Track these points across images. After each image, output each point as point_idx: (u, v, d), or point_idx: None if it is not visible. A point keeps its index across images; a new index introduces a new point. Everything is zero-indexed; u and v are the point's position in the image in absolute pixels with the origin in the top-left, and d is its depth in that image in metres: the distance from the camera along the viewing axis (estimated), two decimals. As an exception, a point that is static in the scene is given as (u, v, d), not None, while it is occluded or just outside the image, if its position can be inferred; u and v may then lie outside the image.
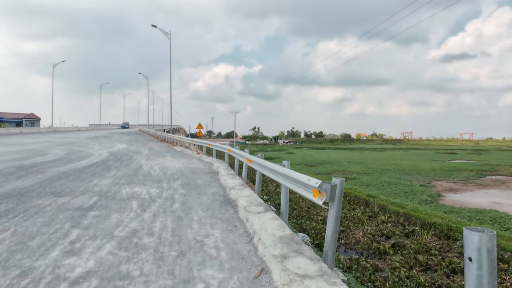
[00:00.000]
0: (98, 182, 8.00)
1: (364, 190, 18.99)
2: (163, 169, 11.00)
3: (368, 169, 31.01)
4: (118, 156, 14.48)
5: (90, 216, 5.02)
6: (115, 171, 10.03)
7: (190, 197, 6.68)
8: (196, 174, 10.02)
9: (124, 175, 9.23)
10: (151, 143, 24.95)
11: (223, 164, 12.04)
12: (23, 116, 65.88)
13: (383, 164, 36.57)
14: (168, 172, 10.20)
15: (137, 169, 10.62)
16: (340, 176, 24.14)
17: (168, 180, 8.78)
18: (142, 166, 11.44)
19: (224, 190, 7.54)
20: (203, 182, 8.59)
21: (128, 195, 6.69)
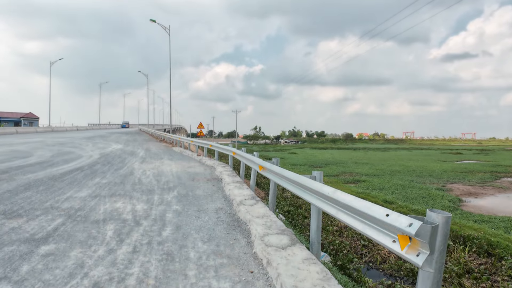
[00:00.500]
0: (73, 194, 6.38)
1: (379, 195, 17.37)
2: (158, 174, 9.38)
3: (377, 171, 29.37)
4: (109, 159, 12.86)
5: (37, 255, 3.39)
6: (100, 177, 8.41)
7: (186, 217, 5.05)
8: (195, 181, 8.40)
9: (108, 184, 7.61)
10: (149, 144, 23.34)
11: (226, 169, 10.42)
12: (22, 115, 64.36)
13: (390, 165, 34.92)
14: (163, 179, 8.58)
15: (127, 175, 9.00)
16: (349, 178, 22.51)
17: (161, 190, 7.16)
18: (133, 171, 9.83)
19: (230, 205, 5.91)
20: (204, 193, 6.97)
21: (106, 214, 5.06)
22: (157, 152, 17.04)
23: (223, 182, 8.25)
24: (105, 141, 23.71)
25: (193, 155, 15.12)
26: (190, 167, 11.29)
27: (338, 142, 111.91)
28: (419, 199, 17.03)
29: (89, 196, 6.26)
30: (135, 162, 12.23)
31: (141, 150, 17.47)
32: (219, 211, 5.51)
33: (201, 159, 13.57)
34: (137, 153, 15.69)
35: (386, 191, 19.00)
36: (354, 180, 23.85)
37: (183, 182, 8.23)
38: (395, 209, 13.43)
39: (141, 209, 5.41)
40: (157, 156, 14.69)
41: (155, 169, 10.53)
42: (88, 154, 14.13)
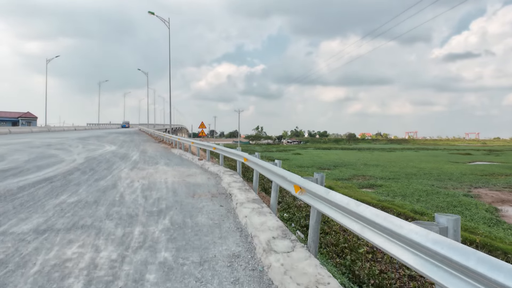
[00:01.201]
0: (11, 227, 4.17)
1: (404, 204, 15.17)
2: (148, 187, 7.20)
3: (390, 174, 27.15)
4: (95, 164, 10.68)
5: None
6: (69, 193, 6.23)
7: (181, 282, 2.88)
8: (196, 199, 6.21)
9: (76, 205, 5.42)
10: (146, 145, 21.15)
11: (235, 178, 8.23)
12: (19, 115, 62.30)
13: (402, 167, 32.68)
14: (153, 195, 6.40)
15: (107, 189, 6.81)
16: (363, 182, 20.29)
17: (148, 215, 4.97)
18: (117, 183, 7.64)
19: (250, 249, 3.72)
20: (209, 221, 4.78)
21: (43, 275, 2.89)
22: (153, 155, 14.85)
23: (234, 200, 6.06)
24: (99, 142, 21.55)
25: (194, 159, 12.93)
26: (190, 176, 9.10)
27: (341, 142, 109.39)
28: (451, 208, 14.82)
29: (34, 230, 4.07)
30: (125, 168, 10.04)
31: (136, 153, 15.28)
32: (235, 262, 3.32)
33: (203, 164, 11.38)
34: (130, 156, 13.50)
35: (410, 199, 16.80)
36: (370, 185, 21.64)
37: (180, 200, 6.04)
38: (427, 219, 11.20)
39: (105, 262, 3.21)
40: (152, 160, 12.50)
41: (146, 178, 8.34)
42: (71, 158, 11.95)
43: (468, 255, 1.68)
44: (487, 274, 1.55)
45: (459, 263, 1.70)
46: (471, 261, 1.65)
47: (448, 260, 1.78)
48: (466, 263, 1.66)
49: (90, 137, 27.75)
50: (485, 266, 1.58)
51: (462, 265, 1.68)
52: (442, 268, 1.87)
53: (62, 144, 18.92)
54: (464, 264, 1.67)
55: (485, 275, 1.56)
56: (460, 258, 1.70)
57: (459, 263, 1.70)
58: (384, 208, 13.69)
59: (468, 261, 1.66)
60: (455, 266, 1.75)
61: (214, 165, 10.93)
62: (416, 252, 2.08)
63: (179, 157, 14.37)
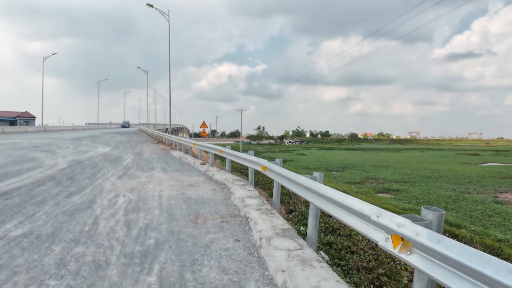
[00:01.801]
0: None
1: (434, 213, 13.31)
2: (135, 206, 5.34)
3: (404, 176, 25.27)
4: (77, 170, 8.83)
5: None
6: (21, 218, 4.36)
7: None
8: (200, 227, 4.34)
9: (19, 241, 3.57)
10: (144, 146, 19.30)
11: (250, 191, 6.37)
12: (17, 114, 60.53)
13: (414, 169, 30.80)
14: (139, 221, 4.53)
15: (78, 210, 4.95)
16: (378, 187, 18.43)
17: (125, 264, 3.10)
18: (96, 198, 5.78)
19: None
20: (223, 276, 2.91)
21: None
22: (150, 157, 12.99)
23: (254, 228, 4.19)
24: (93, 143, 19.71)
25: (196, 163, 11.06)
26: (191, 186, 7.24)
27: (344, 142, 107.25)
28: (486, 218, 12.95)
29: None
30: (112, 176, 8.18)
31: (130, 155, 13.41)
32: None
33: (206, 169, 9.51)
34: (122, 160, 11.64)
35: (437, 206, 14.91)
36: (386, 189, 19.78)
37: (178, 230, 4.18)
38: (479, 240, 9.35)
39: None
40: (147, 165, 10.63)
41: (135, 191, 6.48)
42: (52, 163, 10.09)
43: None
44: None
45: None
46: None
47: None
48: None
49: (85, 137, 25.92)
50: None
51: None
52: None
53: (51, 145, 17.07)
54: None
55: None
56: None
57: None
58: (413, 219, 11.82)
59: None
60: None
61: (220, 172, 9.06)
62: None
63: (179, 160, 12.50)
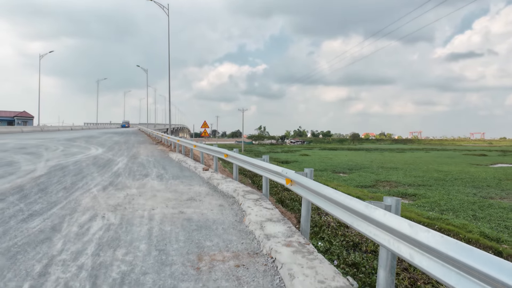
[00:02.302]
0: None
1: (464, 223, 11.77)
2: (114, 236, 3.81)
3: (417, 179, 23.72)
4: (56, 179, 7.31)
5: None
6: None
7: None
8: (205, 281, 2.83)
9: None
10: (141, 147, 17.79)
11: (267, 209, 4.83)
12: (15, 114, 59.08)
13: (425, 170, 29.25)
14: (112, 270, 2.99)
15: (28, 246, 3.41)
16: (392, 191, 16.89)
17: None
18: (62, 223, 4.25)
19: None
20: None
21: None
22: (145, 161, 11.46)
23: (288, 285, 2.68)
24: (87, 144, 18.21)
25: (197, 168, 9.53)
26: (191, 201, 5.72)
27: (346, 142, 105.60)
28: (524, 229, 11.42)
29: None
30: (95, 186, 6.66)
31: (123, 159, 11.89)
32: None
33: (210, 177, 7.98)
34: (113, 165, 10.13)
35: (464, 214, 13.39)
36: (401, 194, 18.22)
37: (171, 287, 2.67)
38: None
39: None
40: (141, 171, 9.10)
41: (119, 210, 4.97)
42: (29, 168, 8.57)
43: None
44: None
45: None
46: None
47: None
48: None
49: (81, 137, 24.43)
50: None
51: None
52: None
53: (39, 146, 15.57)
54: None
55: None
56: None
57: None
58: (445, 231, 10.30)
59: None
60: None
61: (227, 180, 7.52)
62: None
63: (178, 164, 10.98)
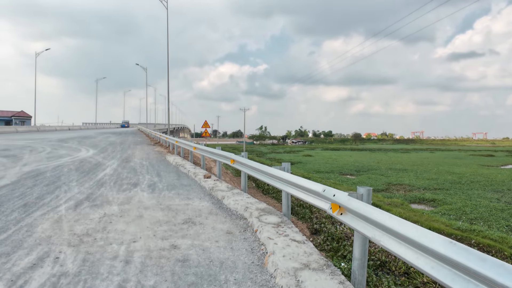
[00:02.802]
0: None
1: (503, 236, 10.27)
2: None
3: (431, 182, 22.19)
4: (20, 191, 5.81)
5: None
6: None
7: None
8: None
9: None
10: (137, 148, 16.31)
11: (297, 244, 3.35)
12: (13, 114, 57.66)
13: (436, 172, 27.71)
14: None
15: None
16: (409, 196, 15.19)
17: None
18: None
19: None
20: None
21: None
22: (139, 165, 9.97)
23: None
24: (79, 145, 16.75)
25: (198, 174, 8.04)
26: (189, 226, 4.21)
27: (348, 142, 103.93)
28: None
29: None
30: (66, 202, 5.17)
31: (114, 162, 10.41)
32: None
33: (213, 187, 6.48)
34: (100, 170, 8.64)
35: (495, 224, 11.89)
36: (419, 199, 16.71)
37: None
38: None
39: None
40: (131, 178, 7.61)
41: (84, 244, 3.46)
42: (-4, 176, 7.09)
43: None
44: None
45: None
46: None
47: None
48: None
49: (75, 138, 22.98)
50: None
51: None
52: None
53: (24, 148, 14.12)
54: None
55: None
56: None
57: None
58: (484, 247, 8.81)
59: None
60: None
61: (234, 192, 6.02)
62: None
63: (175, 169, 9.48)
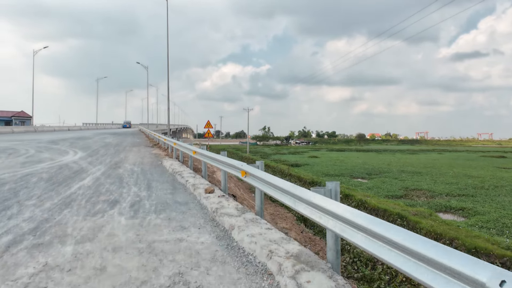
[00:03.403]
0: None
1: None
2: None
3: (452, 187, 20.29)
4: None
5: None
6: None
7: None
8: None
9: None
10: (132, 151, 14.58)
11: None
12: (13, 114, 56.26)
13: (453, 176, 25.77)
14: None
15: None
16: (434, 203, 13.39)
17: None
18: None
19: None
20: None
21: None
22: (127, 173, 8.23)
23: None
24: (69, 147, 15.08)
25: (198, 186, 6.28)
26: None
27: (352, 143, 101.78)
28: None
29: None
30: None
31: (100, 168, 8.66)
32: None
33: (217, 208, 4.71)
34: (77, 180, 6.90)
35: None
36: (445, 208, 14.89)
37: None
38: None
39: None
40: (112, 192, 5.87)
41: None
42: None
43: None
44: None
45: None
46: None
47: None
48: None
49: (69, 139, 21.32)
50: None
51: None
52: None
53: (5, 150, 12.52)
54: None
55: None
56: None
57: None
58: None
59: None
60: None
61: (246, 218, 4.22)
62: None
63: (171, 178, 7.71)
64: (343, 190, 18.11)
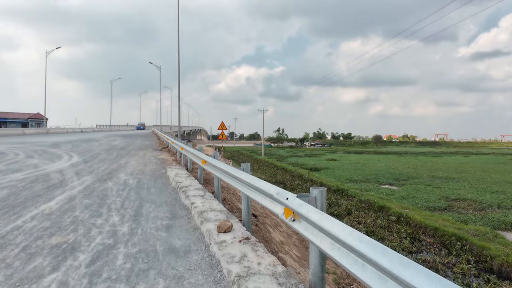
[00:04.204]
0: None
1: None
2: None
3: (499, 196, 17.55)
4: None
5: None
6: None
7: None
8: None
9: None
10: (137, 155, 12.66)
11: None
12: (29, 116, 56.01)
13: (492, 182, 22.86)
14: None
15: None
16: (482, 216, 11.15)
17: None
18: None
19: None
20: None
21: None
22: (117, 189, 6.18)
23: None
24: (69, 150, 13.37)
25: (207, 218, 4.17)
26: None
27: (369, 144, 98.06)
28: None
29: None
30: None
31: (84, 181, 6.67)
32: None
33: (239, 273, 2.61)
34: (37, 204, 4.88)
35: None
36: (504, 223, 12.31)
37: None
38: None
39: None
40: (74, 230, 3.79)
41: None
42: None
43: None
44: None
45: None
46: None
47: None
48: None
49: (74, 141, 19.75)
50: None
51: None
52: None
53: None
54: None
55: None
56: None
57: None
58: None
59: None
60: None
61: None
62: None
63: (172, 198, 5.60)
64: (376, 200, 15.70)
